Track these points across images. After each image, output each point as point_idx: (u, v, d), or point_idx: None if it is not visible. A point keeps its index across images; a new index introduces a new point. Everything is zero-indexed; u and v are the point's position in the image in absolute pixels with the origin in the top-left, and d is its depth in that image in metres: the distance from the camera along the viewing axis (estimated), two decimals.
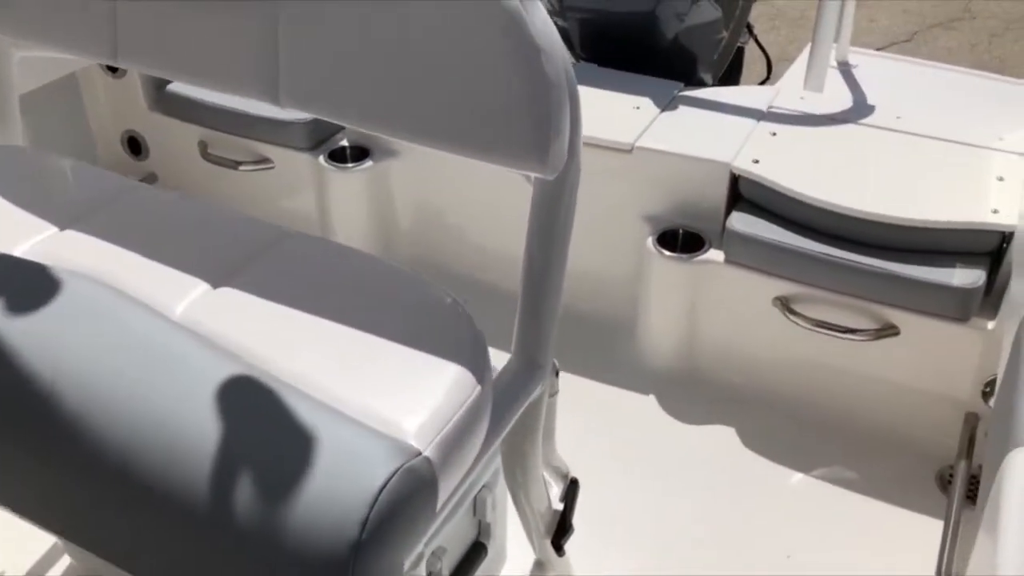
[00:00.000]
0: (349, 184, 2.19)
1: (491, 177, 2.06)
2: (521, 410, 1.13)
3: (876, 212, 1.72)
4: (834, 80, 2.23)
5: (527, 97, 0.96)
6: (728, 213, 1.87)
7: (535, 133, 0.98)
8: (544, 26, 0.96)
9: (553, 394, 1.23)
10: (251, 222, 1.20)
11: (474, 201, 2.16)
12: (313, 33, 1.06)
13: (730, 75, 2.65)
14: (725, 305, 1.91)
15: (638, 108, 2.03)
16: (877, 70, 2.34)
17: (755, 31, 2.59)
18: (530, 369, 1.13)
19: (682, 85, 2.13)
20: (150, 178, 2.45)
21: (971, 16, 4.48)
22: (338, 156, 2.20)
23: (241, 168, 2.26)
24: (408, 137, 1.06)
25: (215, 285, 1.10)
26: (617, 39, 2.29)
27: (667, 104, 2.04)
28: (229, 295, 1.08)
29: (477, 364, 1.00)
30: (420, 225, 2.26)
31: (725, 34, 2.33)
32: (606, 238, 2.03)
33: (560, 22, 2.33)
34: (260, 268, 1.12)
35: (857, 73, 2.32)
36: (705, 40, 2.29)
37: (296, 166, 2.22)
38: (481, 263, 2.21)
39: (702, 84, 2.36)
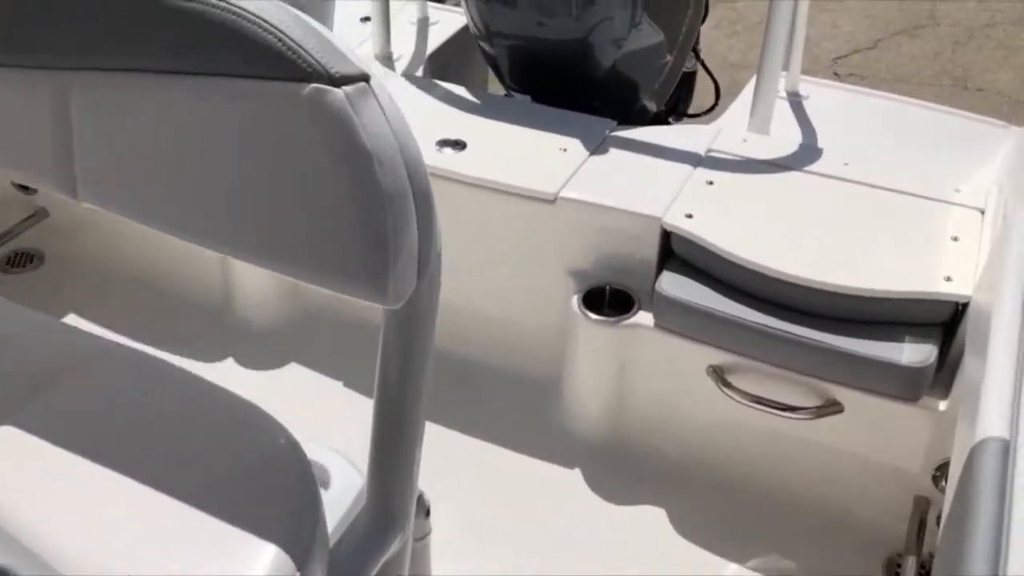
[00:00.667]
0: None
1: None
2: (375, 572, 0.95)
3: (817, 279, 1.55)
4: (781, 114, 2.05)
5: (358, 213, 0.78)
6: (660, 271, 1.69)
7: (370, 256, 0.79)
8: (378, 126, 0.77)
9: (421, 538, 1.05)
10: (60, 333, 1.01)
11: None
12: (107, 121, 0.87)
13: (679, 101, 2.48)
14: (656, 372, 1.73)
15: (565, 150, 1.85)
16: (829, 102, 2.16)
17: (702, 55, 2.42)
18: (386, 522, 0.95)
19: (615, 123, 1.94)
20: (40, 213, 2.24)
21: (935, 23, 4.33)
22: None
23: None
24: (225, 251, 0.87)
25: None
26: (550, 67, 2.10)
27: (597, 146, 1.86)
28: (9, 437, 0.89)
29: (304, 536, 0.82)
30: None
31: (669, 58, 2.15)
32: (527, 292, 1.85)
33: (488, 49, 2.14)
34: (56, 399, 0.93)
35: (807, 106, 2.14)
36: (647, 66, 2.12)
37: None
38: None
39: (645, 112, 2.18)
